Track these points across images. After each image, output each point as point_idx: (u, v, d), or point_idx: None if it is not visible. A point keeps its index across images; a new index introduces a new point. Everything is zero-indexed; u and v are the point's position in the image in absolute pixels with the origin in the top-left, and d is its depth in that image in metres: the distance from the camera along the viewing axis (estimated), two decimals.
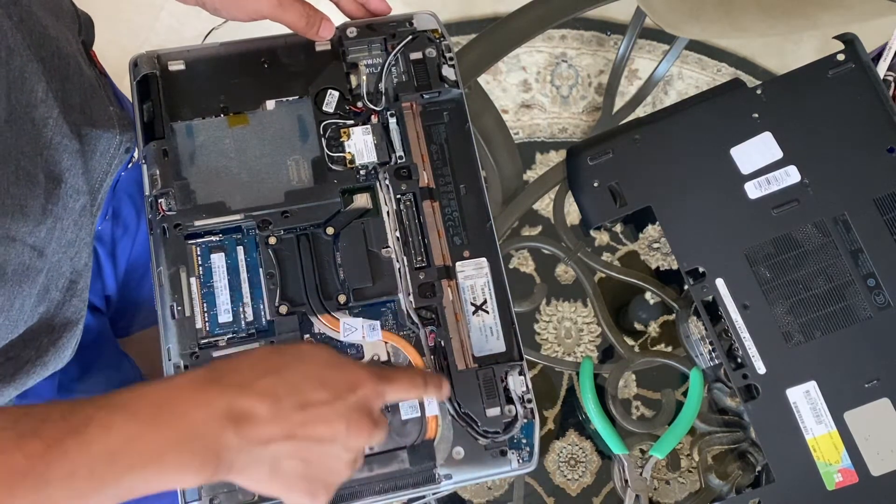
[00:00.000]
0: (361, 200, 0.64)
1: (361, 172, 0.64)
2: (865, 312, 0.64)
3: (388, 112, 0.65)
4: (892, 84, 0.70)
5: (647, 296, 0.72)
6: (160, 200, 0.61)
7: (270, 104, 0.65)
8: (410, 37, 0.67)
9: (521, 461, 0.59)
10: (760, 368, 0.63)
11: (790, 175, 0.67)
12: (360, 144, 0.64)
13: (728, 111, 0.69)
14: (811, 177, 0.67)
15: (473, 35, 0.84)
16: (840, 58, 0.69)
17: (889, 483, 0.61)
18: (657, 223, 0.69)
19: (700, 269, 0.66)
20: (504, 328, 0.61)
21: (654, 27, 0.93)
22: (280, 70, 0.66)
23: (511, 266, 0.74)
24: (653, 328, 0.71)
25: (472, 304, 0.62)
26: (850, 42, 0.69)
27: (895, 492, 0.61)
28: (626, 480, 0.66)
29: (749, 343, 0.64)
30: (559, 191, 0.75)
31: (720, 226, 0.67)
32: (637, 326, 0.72)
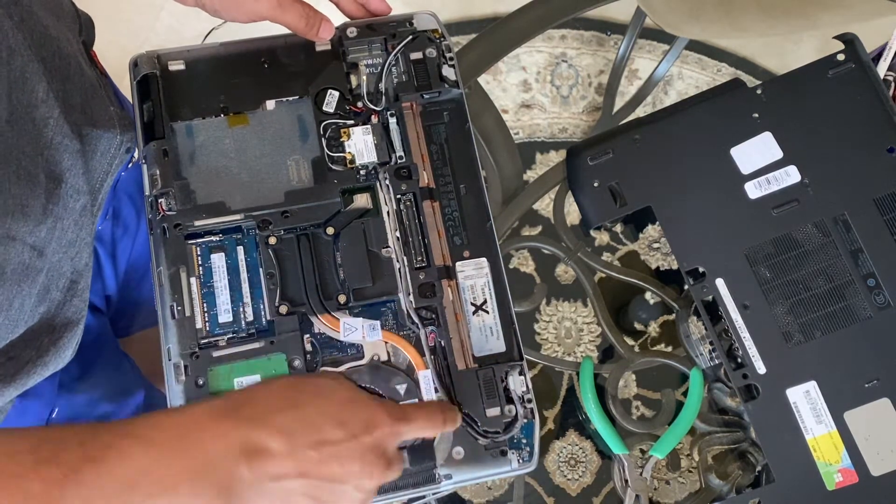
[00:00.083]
0: (361, 200, 0.64)
1: (361, 172, 0.64)
2: (865, 312, 0.64)
3: (389, 112, 0.65)
4: (892, 84, 0.70)
5: (647, 296, 0.72)
6: (160, 200, 0.61)
7: (270, 104, 0.65)
8: (410, 37, 0.67)
9: (521, 461, 0.59)
10: (760, 368, 0.63)
11: (790, 175, 0.67)
12: (360, 144, 0.64)
13: (728, 111, 0.69)
14: (811, 177, 0.67)
15: (473, 35, 0.84)
16: (840, 58, 0.69)
17: (889, 483, 0.61)
18: (657, 223, 0.69)
19: (700, 269, 0.66)
20: (504, 328, 0.61)
21: (654, 27, 0.93)
22: (280, 70, 0.66)
23: (511, 266, 0.74)
24: (653, 328, 0.71)
25: (472, 304, 0.62)
26: (850, 42, 0.69)
27: (895, 492, 0.61)
28: (626, 480, 0.66)
29: (749, 343, 0.64)
30: (559, 191, 0.75)
31: (720, 226, 0.67)
32: (637, 326, 0.72)
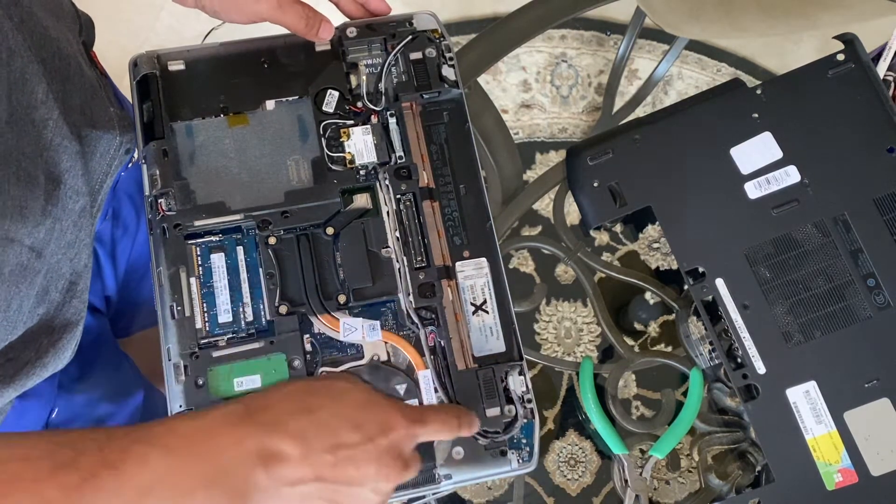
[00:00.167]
0: (361, 200, 0.64)
1: (361, 172, 0.64)
2: (865, 312, 0.64)
3: (388, 112, 0.65)
4: (892, 84, 0.70)
5: (647, 296, 0.72)
6: (160, 200, 0.61)
7: (270, 104, 0.65)
8: (410, 37, 0.67)
9: (521, 461, 0.59)
10: (760, 368, 0.63)
11: (790, 175, 0.67)
12: (360, 144, 0.64)
13: (728, 111, 0.69)
14: (811, 177, 0.67)
15: (473, 35, 0.83)
16: (840, 58, 0.69)
17: (889, 483, 0.61)
18: (657, 223, 0.69)
19: (700, 269, 0.66)
20: (504, 328, 0.61)
21: (654, 27, 0.93)
22: (280, 70, 0.66)
23: (511, 266, 0.74)
24: (653, 328, 0.71)
25: (472, 304, 0.62)
26: (850, 42, 0.69)
27: (895, 492, 0.61)
28: (626, 480, 0.66)
29: (749, 343, 0.64)
30: (559, 191, 0.75)
31: (720, 226, 0.67)
32: (637, 326, 0.72)
